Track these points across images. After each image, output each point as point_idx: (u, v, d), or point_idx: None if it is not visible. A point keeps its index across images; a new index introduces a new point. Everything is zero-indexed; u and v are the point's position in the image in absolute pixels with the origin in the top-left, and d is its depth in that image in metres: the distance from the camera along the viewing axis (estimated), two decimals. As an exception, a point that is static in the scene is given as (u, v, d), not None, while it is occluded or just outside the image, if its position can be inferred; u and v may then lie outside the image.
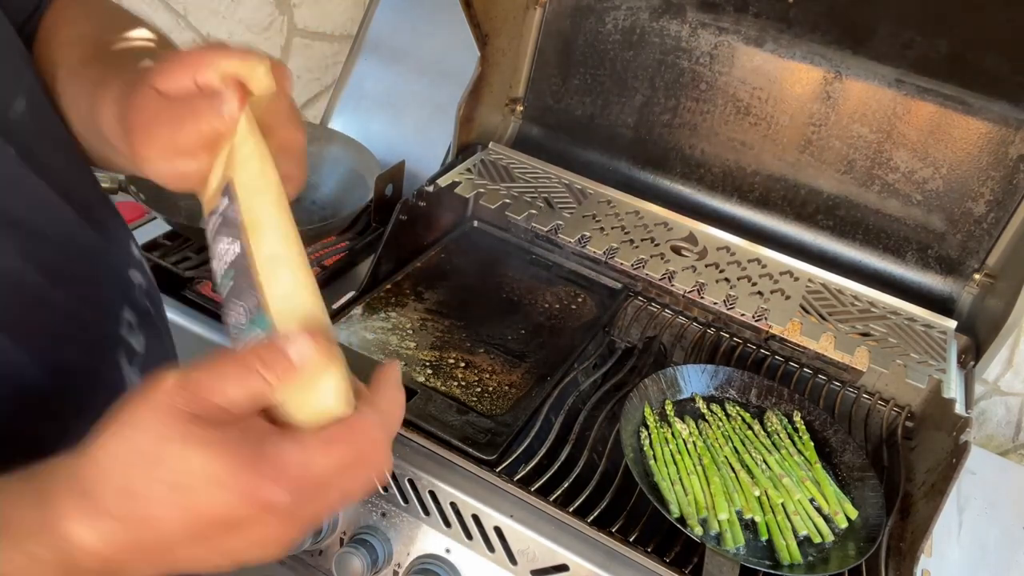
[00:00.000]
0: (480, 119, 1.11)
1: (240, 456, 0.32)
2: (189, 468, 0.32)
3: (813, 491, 0.80)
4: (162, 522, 0.32)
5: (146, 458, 0.32)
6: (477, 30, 1.00)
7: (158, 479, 0.32)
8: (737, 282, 0.92)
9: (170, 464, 0.32)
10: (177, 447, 0.32)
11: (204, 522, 0.33)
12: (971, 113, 0.93)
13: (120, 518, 0.32)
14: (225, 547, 0.34)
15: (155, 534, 0.33)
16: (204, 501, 0.32)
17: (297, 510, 0.34)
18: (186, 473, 0.32)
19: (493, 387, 0.85)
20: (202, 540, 0.33)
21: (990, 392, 1.13)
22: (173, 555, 0.34)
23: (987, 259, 0.97)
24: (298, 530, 0.35)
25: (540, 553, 0.72)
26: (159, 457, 0.32)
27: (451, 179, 1.01)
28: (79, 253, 0.49)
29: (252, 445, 0.33)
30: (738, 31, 1.01)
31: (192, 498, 0.32)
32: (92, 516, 0.32)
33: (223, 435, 0.33)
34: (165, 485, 0.32)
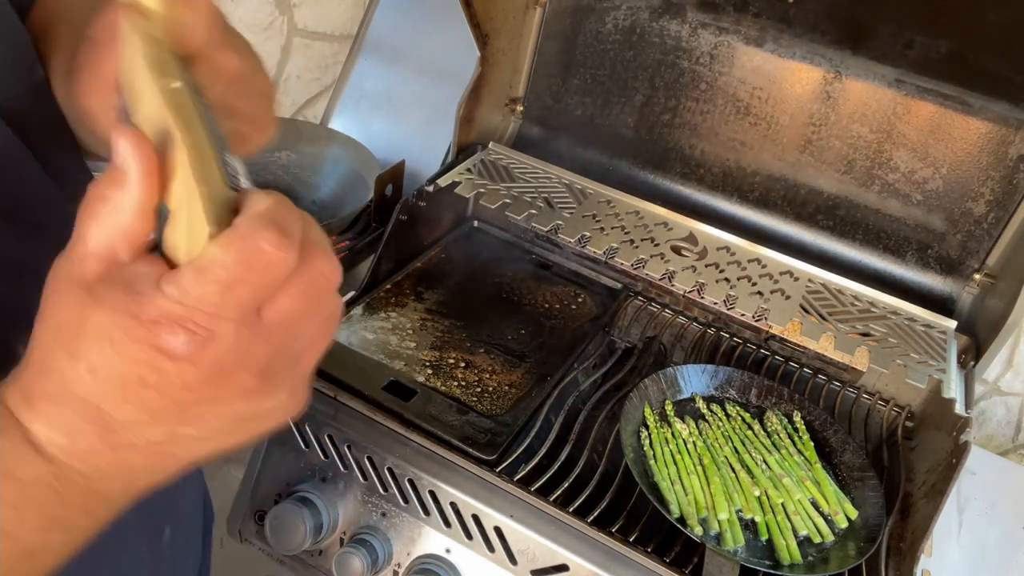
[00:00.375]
0: (480, 119, 1.11)
1: (116, 307, 0.29)
2: (78, 332, 0.30)
3: (813, 491, 0.80)
4: (84, 391, 0.30)
5: (54, 333, 0.31)
6: (477, 30, 1.00)
7: (59, 352, 0.30)
8: (737, 282, 0.92)
9: (68, 332, 0.30)
10: (75, 311, 0.30)
11: (119, 381, 0.30)
12: (971, 113, 0.93)
13: (46, 396, 0.30)
14: (188, 413, 0.31)
15: (91, 407, 0.30)
16: (102, 357, 0.29)
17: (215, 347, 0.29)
18: (76, 337, 0.30)
19: (493, 387, 0.85)
20: (142, 404, 0.30)
21: (990, 392, 1.13)
22: (137, 433, 0.31)
23: (987, 259, 0.97)
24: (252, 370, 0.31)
25: (540, 553, 0.72)
26: (58, 330, 0.30)
27: (451, 179, 1.01)
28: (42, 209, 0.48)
29: (123, 287, 0.29)
30: (738, 31, 1.01)
31: (95, 360, 0.29)
32: (27, 403, 0.31)
33: (100, 288, 0.30)
34: (66, 355, 0.30)
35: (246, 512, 0.84)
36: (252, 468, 0.84)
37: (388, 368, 0.85)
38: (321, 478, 0.81)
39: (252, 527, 0.83)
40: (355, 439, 0.78)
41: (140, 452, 0.31)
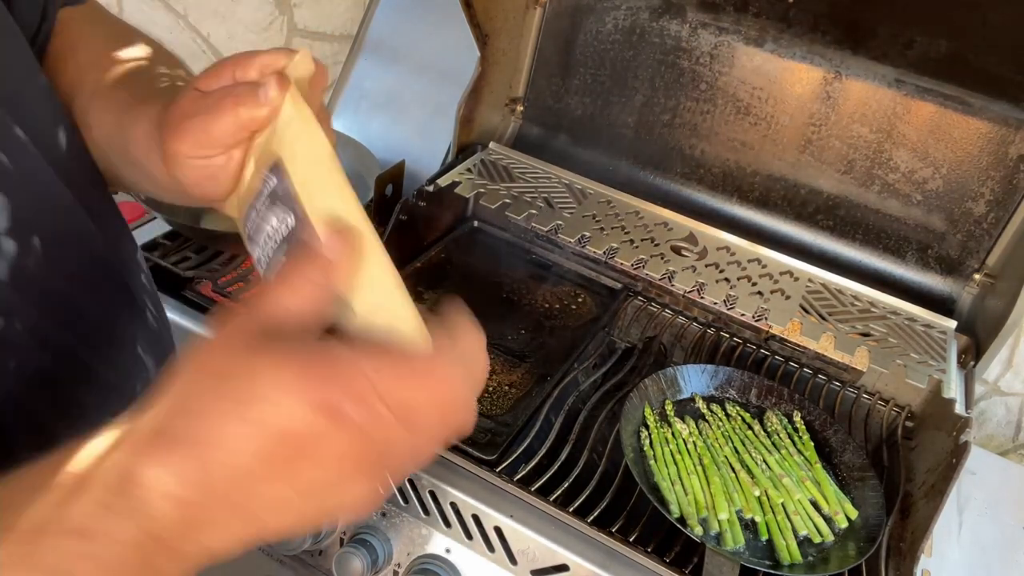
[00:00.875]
0: (480, 119, 1.11)
1: (306, 361, 0.31)
2: (253, 378, 0.30)
3: (813, 491, 0.80)
4: (231, 441, 0.30)
5: (213, 377, 0.31)
6: (477, 30, 1.00)
7: (224, 395, 0.30)
8: (737, 282, 0.92)
9: (236, 377, 0.30)
10: (242, 359, 0.31)
11: (274, 439, 0.30)
12: (971, 113, 0.93)
13: (189, 442, 0.30)
14: (304, 479, 0.32)
15: (227, 459, 0.30)
16: (271, 411, 0.30)
17: (372, 433, 0.31)
18: (251, 383, 0.30)
19: (493, 387, 0.85)
20: (277, 466, 0.31)
21: (990, 392, 1.13)
22: (251, 493, 0.31)
23: (987, 259, 0.97)
24: (376, 467, 0.32)
25: (540, 553, 0.72)
26: (225, 373, 0.31)
27: (451, 179, 1.01)
28: (84, 250, 0.49)
29: (319, 352, 0.31)
30: (738, 31, 1.01)
31: (258, 408, 0.30)
32: (162, 449, 0.30)
33: (289, 345, 0.31)
34: (231, 399, 0.30)
35: (246, 512, 0.84)
36: (252, 468, 0.84)
37: (388, 368, 0.85)
38: (321, 478, 0.80)
39: (252, 527, 0.83)
40: (355, 439, 0.78)
41: (241, 512, 0.32)
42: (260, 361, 0.31)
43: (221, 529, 0.32)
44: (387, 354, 0.32)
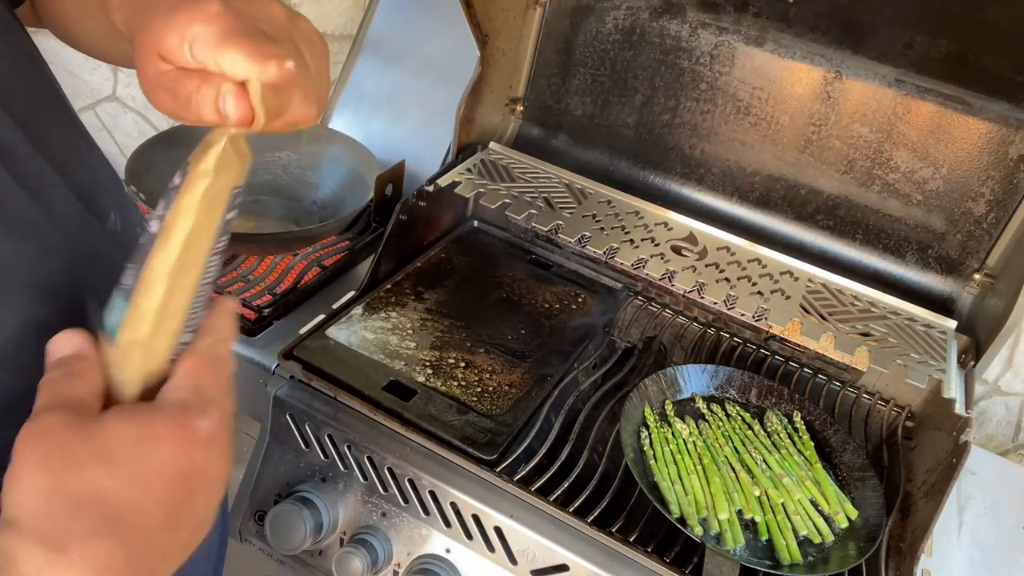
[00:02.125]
0: (480, 119, 1.11)
1: (145, 415, 0.34)
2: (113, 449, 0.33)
3: (813, 491, 0.80)
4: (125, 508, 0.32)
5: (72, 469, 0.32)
6: (477, 30, 1.00)
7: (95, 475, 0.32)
8: (737, 282, 0.92)
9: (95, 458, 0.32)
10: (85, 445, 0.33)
11: (159, 485, 0.33)
12: (971, 113, 0.93)
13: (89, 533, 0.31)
14: (197, 508, 0.35)
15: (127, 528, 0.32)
16: (145, 463, 0.33)
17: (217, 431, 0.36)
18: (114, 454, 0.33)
19: (493, 387, 0.85)
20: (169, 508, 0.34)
21: (990, 392, 1.13)
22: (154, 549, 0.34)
23: (987, 259, 0.97)
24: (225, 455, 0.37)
25: (540, 553, 0.72)
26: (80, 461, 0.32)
27: (451, 179, 1.01)
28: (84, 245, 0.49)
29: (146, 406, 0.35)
30: (738, 31, 1.01)
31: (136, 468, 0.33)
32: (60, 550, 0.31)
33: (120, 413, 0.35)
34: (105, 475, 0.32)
35: (246, 512, 0.84)
36: (252, 468, 0.84)
37: (388, 368, 0.85)
38: (321, 478, 0.81)
39: (252, 527, 0.83)
40: (355, 439, 0.78)
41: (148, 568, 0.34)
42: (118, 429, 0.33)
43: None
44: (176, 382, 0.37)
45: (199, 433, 0.35)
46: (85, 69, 1.80)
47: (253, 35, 0.36)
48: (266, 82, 0.36)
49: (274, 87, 0.36)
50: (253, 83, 0.36)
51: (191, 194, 0.38)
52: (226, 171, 0.38)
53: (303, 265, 1.02)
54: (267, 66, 0.36)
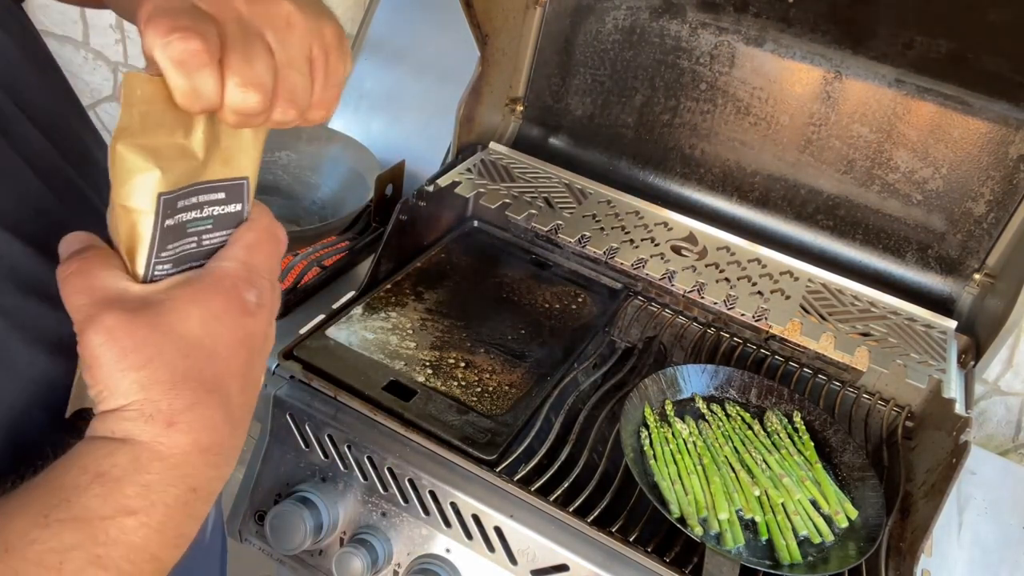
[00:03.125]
0: (480, 119, 1.11)
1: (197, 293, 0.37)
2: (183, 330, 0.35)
3: (813, 491, 0.80)
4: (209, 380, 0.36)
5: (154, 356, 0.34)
6: (477, 30, 1.00)
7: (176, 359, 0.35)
8: (737, 282, 0.92)
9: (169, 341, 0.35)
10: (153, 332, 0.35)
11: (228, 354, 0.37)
12: (971, 113, 0.93)
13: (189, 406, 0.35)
14: (256, 374, 0.39)
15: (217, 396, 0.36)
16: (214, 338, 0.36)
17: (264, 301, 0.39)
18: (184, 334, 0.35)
19: (493, 387, 0.85)
20: (248, 374, 0.38)
21: (990, 392, 1.13)
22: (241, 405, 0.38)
23: (987, 259, 0.97)
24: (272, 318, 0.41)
25: (540, 553, 0.72)
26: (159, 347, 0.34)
27: (451, 179, 1.01)
28: None
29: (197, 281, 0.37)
30: (738, 31, 1.01)
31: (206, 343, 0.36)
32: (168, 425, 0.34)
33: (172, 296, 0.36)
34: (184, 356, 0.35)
35: (246, 512, 0.84)
36: (252, 468, 0.84)
37: (388, 368, 0.85)
38: (321, 478, 0.81)
39: (252, 527, 0.83)
40: (355, 439, 0.78)
41: (237, 429, 0.38)
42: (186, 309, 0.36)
43: (230, 456, 0.38)
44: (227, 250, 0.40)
45: (249, 305, 0.37)
46: (85, 69, 1.80)
47: (174, 11, 0.33)
48: (171, 58, 0.32)
49: (180, 64, 0.32)
50: (158, 59, 0.33)
51: None
52: None
53: (303, 265, 1.02)
54: (167, 40, 0.32)
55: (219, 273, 0.38)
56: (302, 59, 0.37)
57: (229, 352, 0.37)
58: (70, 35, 1.77)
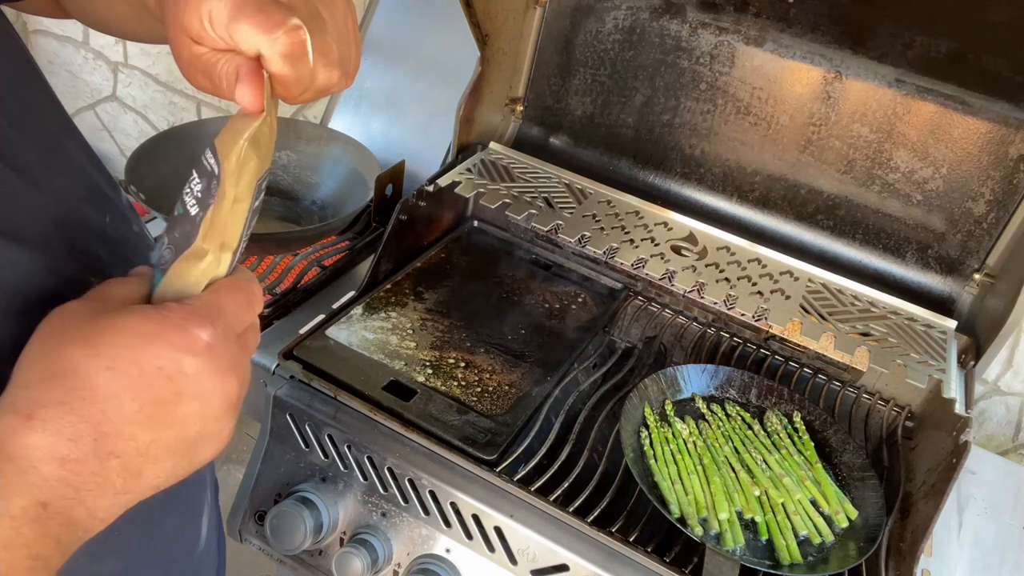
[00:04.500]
0: (480, 119, 1.11)
1: (147, 310, 0.35)
2: (102, 336, 0.33)
3: (813, 491, 0.80)
4: (97, 389, 0.32)
5: (58, 345, 0.33)
6: (477, 30, 1.00)
7: (75, 353, 0.33)
8: (737, 282, 0.92)
9: (83, 339, 0.33)
10: (81, 328, 0.33)
11: (136, 377, 0.33)
12: (971, 113, 0.93)
13: (53, 401, 0.32)
14: (174, 416, 0.34)
15: (96, 409, 0.32)
16: (127, 352, 0.33)
17: (218, 348, 0.36)
18: (100, 340, 0.33)
19: (493, 387, 0.85)
20: (146, 405, 0.33)
21: (990, 392, 1.13)
22: (126, 439, 0.33)
23: (987, 259, 0.97)
24: (228, 378, 0.37)
25: (540, 553, 0.72)
26: (69, 339, 0.33)
27: (451, 179, 1.01)
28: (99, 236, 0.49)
29: (155, 305, 0.36)
30: (738, 31, 1.01)
31: (116, 355, 0.33)
32: (27, 418, 0.31)
33: (126, 308, 0.35)
34: (84, 355, 0.33)
35: (246, 512, 0.84)
36: (252, 468, 0.84)
37: (388, 368, 0.85)
38: (321, 478, 0.81)
39: (252, 527, 0.83)
40: (355, 439, 0.78)
41: (120, 463, 0.34)
42: (116, 320, 0.34)
43: (103, 485, 0.33)
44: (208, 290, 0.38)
45: (195, 343, 0.34)
46: (85, 69, 1.80)
47: (264, 5, 0.34)
48: (281, 53, 0.35)
49: (290, 56, 0.35)
50: (266, 55, 0.35)
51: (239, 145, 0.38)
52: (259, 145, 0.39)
53: (303, 265, 1.02)
54: (275, 36, 0.34)
55: (179, 305, 0.36)
56: (347, 30, 0.39)
57: (138, 374, 0.33)
58: (70, 35, 1.77)
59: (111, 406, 0.33)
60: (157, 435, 0.34)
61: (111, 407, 0.33)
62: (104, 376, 0.32)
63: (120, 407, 0.33)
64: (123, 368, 0.33)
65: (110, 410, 0.33)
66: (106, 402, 0.32)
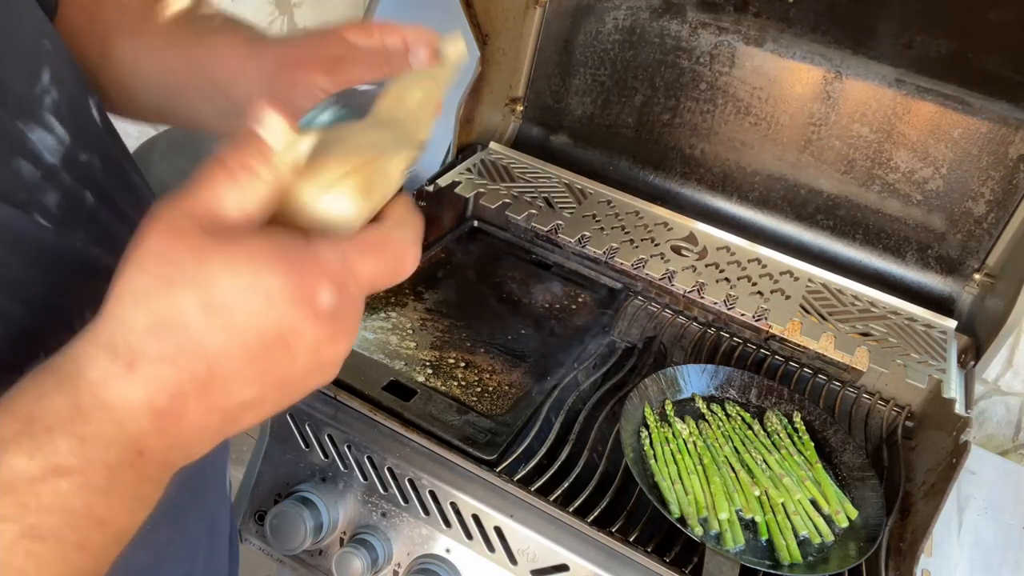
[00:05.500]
0: (480, 119, 1.11)
1: (273, 259, 0.30)
2: (219, 284, 0.29)
3: (813, 491, 0.80)
4: (208, 348, 0.30)
5: (169, 286, 0.29)
6: (477, 30, 1.00)
7: (189, 304, 0.29)
8: (737, 282, 0.92)
9: (198, 285, 0.29)
10: (197, 266, 0.29)
11: (253, 341, 0.30)
12: (971, 113, 0.93)
13: (159, 357, 0.29)
14: (284, 373, 0.32)
15: (204, 366, 0.30)
16: (246, 314, 0.30)
17: (341, 314, 0.32)
18: (218, 290, 0.29)
19: (493, 387, 0.85)
20: (257, 365, 0.31)
21: (990, 392, 1.13)
22: (231, 395, 0.31)
23: (987, 259, 0.97)
24: (344, 341, 0.33)
25: (540, 553, 0.72)
26: (183, 281, 0.29)
27: (451, 179, 1.01)
28: None
29: (282, 248, 0.30)
30: (738, 31, 1.01)
31: (234, 314, 0.30)
32: (127, 367, 0.29)
33: (248, 244, 0.30)
34: (198, 308, 0.29)
35: (246, 512, 0.84)
36: (252, 468, 0.84)
37: (388, 368, 0.85)
38: (321, 478, 0.81)
39: (252, 527, 0.83)
40: (355, 439, 0.78)
41: (220, 416, 0.32)
42: (219, 266, 0.29)
43: (199, 431, 0.32)
44: (349, 240, 0.33)
45: (318, 307, 0.31)
46: (85, 69, 1.80)
47: None
48: None
49: None
50: None
51: None
52: None
53: (303, 265, 1.02)
54: None
55: (308, 251, 0.31)
56: None
57: (255, 336, 0.30)
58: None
59: (220, 365, 0.30)
60: (263, 392, 0.32)
61: (220, 366, 0.30)
62: (219, 337, 0.30)
63: (230, 367, 0.30)
64: (241, 332, 0.30)
65: (219, 368, 0.30)
66: (216, 361, 0.30)
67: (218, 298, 0.29)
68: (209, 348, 0.30)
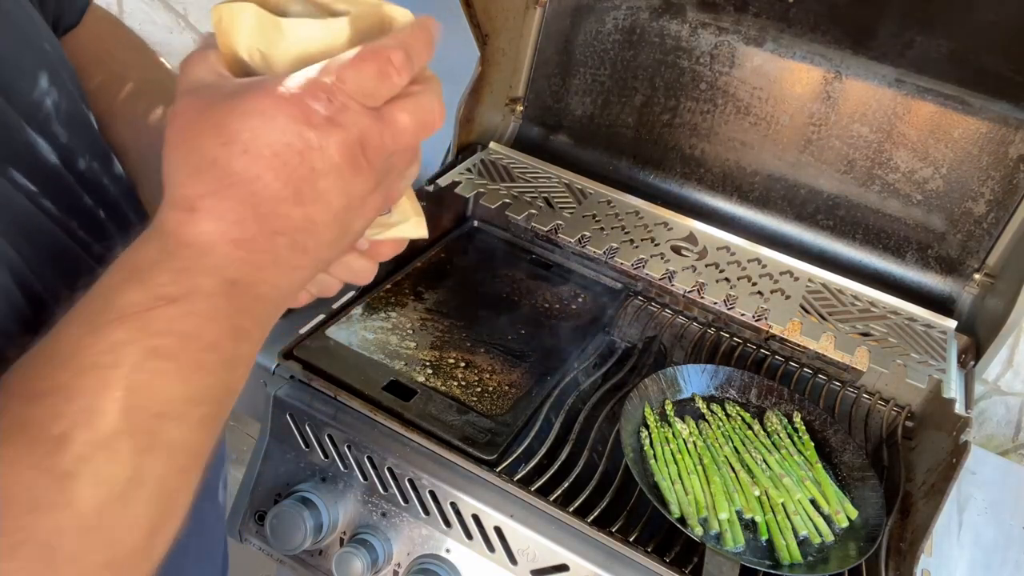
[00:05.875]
0: (480, 119, 1.11)
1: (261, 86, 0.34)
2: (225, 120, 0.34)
3: (813, 491, 0.80)
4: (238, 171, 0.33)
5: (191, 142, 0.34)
6: (477, 30, 1.00)
7: (210, 145, 0.33)
8: (737, 282, 0.92)
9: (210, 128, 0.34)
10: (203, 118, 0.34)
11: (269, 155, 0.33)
12: (971, 113, 0.93)
13: (207, 193, 0.33)
14: (316, 191, 0.35)
15: (245, 190, 0.34)
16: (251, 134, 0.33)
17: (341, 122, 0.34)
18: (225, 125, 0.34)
19: (493, 387, 0.85)
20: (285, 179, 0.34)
21: (990, 392, 1.13)
22: (285, 216, 0.35)
23: (987, 259, 0.97)
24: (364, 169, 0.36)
25: (540, 553, 0.72)
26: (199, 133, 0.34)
27: (451, 179, 1.01)
28: None
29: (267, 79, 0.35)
30: (738, 31, 1.01)
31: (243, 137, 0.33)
32: (190, 211, 0.33)
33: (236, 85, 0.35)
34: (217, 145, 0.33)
35: (246, 512, 0.84)
36: (252, 468, 0.84)
37: (388, 368, 0.85)
38: (321, 478, 0.81)
39: (252, 527, 0.83)
40: (355, 439, 0.78)
41: (285, 240, 0.35)
42: (236, 103, 0.34)
43: (278, 261, 0.36)
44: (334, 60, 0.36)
45: (312, 115, 0.34)
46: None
47: None
48: None
49: None
50: None
51: None
52: None
53: (303, 265, 1.02)
54: None
55: (292, 75, 0.35)
56: None
57: (270, 153, 0.33)
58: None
59: (258, 187, 0.34)
60: (307, 210, 0.35)
61: (258, 188, 0.34)
62: (242, 161, 0.33)
63: (266, 187, 0.34)
64: (256, 149, 0.33)
65: (258, 191, 0.34)
66: (252, 184, 0.34)
67: (227, 131, 0.33)
68: (239, 170, 0.33)
